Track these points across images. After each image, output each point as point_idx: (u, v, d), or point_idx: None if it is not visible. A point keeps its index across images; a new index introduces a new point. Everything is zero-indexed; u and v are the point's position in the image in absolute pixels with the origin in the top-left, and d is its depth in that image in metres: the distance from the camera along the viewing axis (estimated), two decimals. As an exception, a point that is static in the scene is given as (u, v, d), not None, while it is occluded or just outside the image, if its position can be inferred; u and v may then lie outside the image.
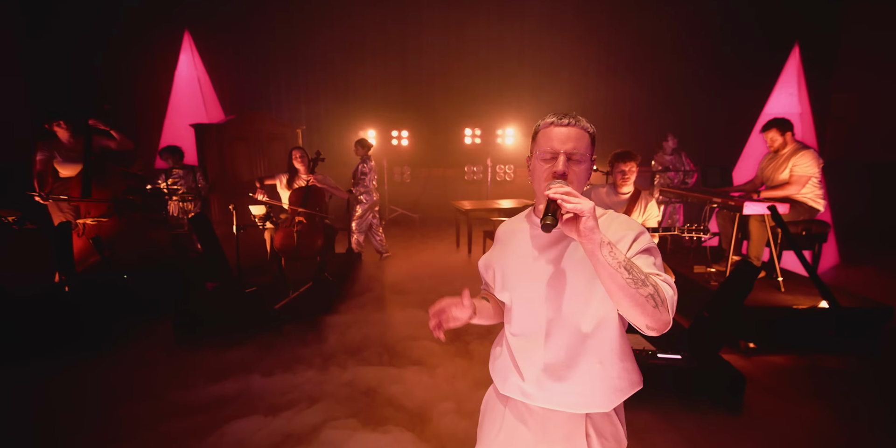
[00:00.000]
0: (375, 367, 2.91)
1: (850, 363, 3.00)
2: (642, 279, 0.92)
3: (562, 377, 1.09)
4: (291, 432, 2.29)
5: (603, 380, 1.09)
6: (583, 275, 1.07)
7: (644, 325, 0.96)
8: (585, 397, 1.09)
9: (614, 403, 1.12)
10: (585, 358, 1.09)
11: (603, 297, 1.06)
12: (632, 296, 0.91)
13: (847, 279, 4.51)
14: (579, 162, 1.06)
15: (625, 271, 0.91)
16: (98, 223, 3.89)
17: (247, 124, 6.21)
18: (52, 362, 2.95)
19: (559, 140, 1.06)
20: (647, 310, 0.92)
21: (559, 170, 1.04)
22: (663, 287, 0.96)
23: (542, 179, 1.07)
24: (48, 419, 2.39)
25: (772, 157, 3.70)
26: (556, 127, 1.07)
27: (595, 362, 1.09)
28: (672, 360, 2.60)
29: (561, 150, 1.05)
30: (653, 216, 3.23)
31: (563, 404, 1.10)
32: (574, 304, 1.08)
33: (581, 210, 0.89)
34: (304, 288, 3.87)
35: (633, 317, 0.95)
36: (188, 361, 3.00)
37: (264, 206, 3.89)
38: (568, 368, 1.09)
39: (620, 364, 1.12)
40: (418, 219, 8.12)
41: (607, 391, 1.10)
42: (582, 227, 0.90)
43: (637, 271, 0.93)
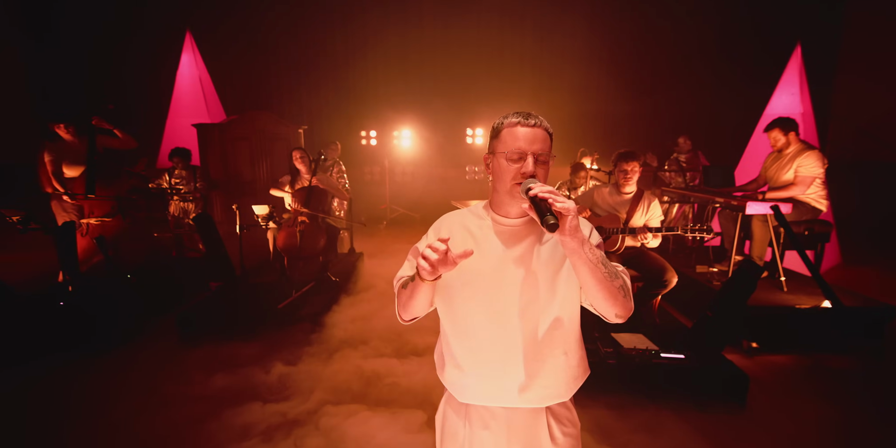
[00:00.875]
0: (379, 359, 2.94)
1: (852, 363, 3.00)
2: (615, 272, 1.00)
3: (528, 373, 1.10)
4: (294, 417, 2.33)
5: (566, 370, 1.13)
6: (547, 270, 1.10)
7: (614, 314, 1.03)
8: (551, 390, 1.12)
9: (573, 391, 1.16)
10: (552, 351, 1.12)
11: (566, 289, 1.10)
12: (608, 289, 0.98)
13: (849, 279, 4.52)
14: (545, 162, 1.07)
15: (602, 266, 0.97)
16: (102, 223, 3.90)
17: (249, 124, 6.21)
18: (56, 361, 2.96)
19: (526, 140, 1.06)
20: (618, 300, 1.00)
21: (529, 171, 1.04)
22: (626, 277, 1.05)
23: (508, 179, 1.07)
24: (52, 415, 2.41)
25: (776, 156, 3.70)
26: (521, 127, 1.07)
27: (560, 354, 1.13)
28: (675, 359, 2.61)
29: (529, 150, 1.05)
30: (656, 216, 3.24)
31: (530, 400, 1.11)
32: (541, 299, 1.09)
33: (568, 209, 0.91)
34: (307, 287, 3.88)
35: (604, 308, 1.02)
36: (191, 359, 3.01)
37: (267, 206, 3.90)
38: (535, 364, 1.10)
39: (580, 352, 1.18)
40: (419, 218, 8.13)
41: (569, 380, 1.14)
42: (567, 226, 0.92)
43: (610, 266, 1.00)
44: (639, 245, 3.26)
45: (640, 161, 3.21)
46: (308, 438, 2.20)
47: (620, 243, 3.20)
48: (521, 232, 1.12)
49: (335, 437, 2.20)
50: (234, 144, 6.19)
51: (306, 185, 4.20)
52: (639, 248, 3.30)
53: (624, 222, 3.21)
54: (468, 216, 1.20)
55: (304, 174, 4.38)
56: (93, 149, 3.87)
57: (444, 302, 1.17)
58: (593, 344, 2.78)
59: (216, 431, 2.26)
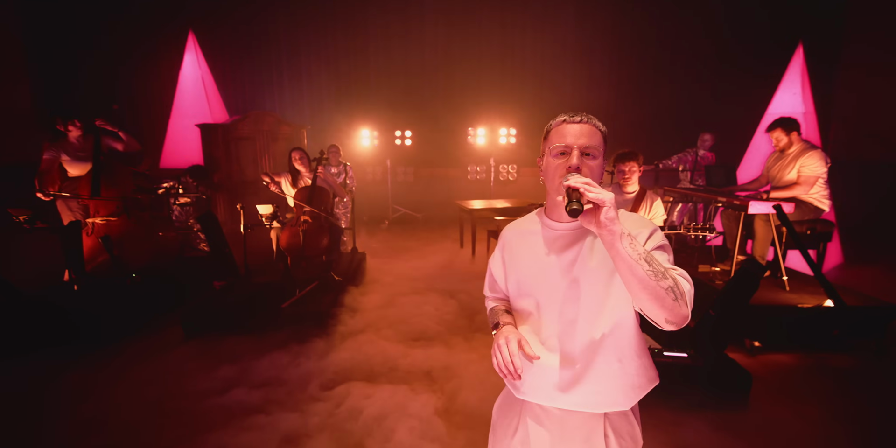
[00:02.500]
0: (384, 356, 2.98)
1: (855, 362, 3.01)
2: (662, 272, 0.91)
3: (581, 377, 1.08)
4: (297, 413, 2.38)
5: (622, 378, 1.09)
6: (600, 273, 1.06)
7: (663, 319, 0.94)
8: (605, 396, 1.09)
9: (633, 401, 1.11)
10: (604, 357, 1.09)
11: (620, 294, 1.05)
12: (651, 288, 0.89)
13: (851, 278, 4.52)
14: (593, 157, 1.05)
15: (645, 263, 0.89)
16: (107, 222, 3.92)
17: (252, 124, 6.24)
18: (60, 359, 2.98)
19: (572, 135, 1.05)
20: (666, 303, 0.90)
21: (574, 163, 1.02)
22: (681, 281, 0.95)
23: (556, 175, 1.05)
24: (56, 413, 2.42)
25: (778, 156, 3.71)
26: (568, 124, 1.07)
27: (614, 361, 1.09)
28: (678, 357, 2.62)
29: (574, 144, 1.04)
30: (658, 215, 3.25)
31: (583, 404, 1.09)
32: (592, 303, 1.07)
33: (602, 199, 0.88)
34: (311, 286, 3.90)
35: (651, 311, 0.93)
36: (195, 358, 3.03)
37: (271, 205, 3.92)
38: (587, 368, 1.08)
39: (638, 361, 1.12)
40: (422, 218, 8.14)
41: (626, 389, 1.10)
42: (603, 217, 0.88)
43: (657, 264, 0.91)
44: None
45: (638, 161, 3.23)
46: (314, 433, 2.22)
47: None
48: (573, 236, 1.10)
49: (344, 429, 2.22)
50: (238, 144, 6.22)
51: (308, 185, 4.21)
52: (641, 247, 3.30)
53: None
54: (525, 223, 1.21)
55: (304, 174, 4.40)
56: (98, 149, 3.89)
57: (512, 297, 1.21)
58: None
59: (221, 428, 2.27)
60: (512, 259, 1.19)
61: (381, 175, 8.58)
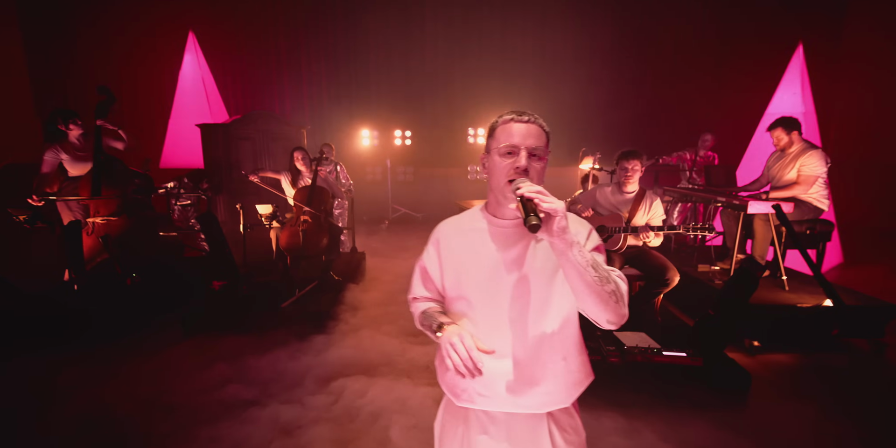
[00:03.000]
0: (383, 355, 2.99)
1: (853, 361, 3.01)
2: (606, 277, 0.95)
3: (528, 378, 1.08)
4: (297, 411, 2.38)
5: (566, 375, 1.11)
6: (544, 273, 1.07)
7: (605, 320, 0.98)
8: (550, 395, 1.10)
9: (574, 397, 1.13)
10: (550, 356, 1.09)
11: (563, 293, 1.07)
12: (598, 293, 0.93)
13: (850, 278, 4.52)
14: (539, 158, 1.05)
15: (592, 270, 0.93)
16: (107, 222, 3.92)
17: (252, 124, 6.25)
18: (60, 359, 2.98)
19: (520, 135, 1.04)
20: (609, 305, 0.95)
21: (522, 165, 1.02)
22: (620, 283, 1.00)
23: (502, 174, 1.05)
24: (55, 413, 2.43)
25: (778, 155, 3.71)
26: (515, 123, 1.06)
27: (559, 359, 1.10)
28: (677, 357, 2.63)
29: (522, 145, 1.03)
30: (658, 215, 3.26)
31: (529, 406, 1.09)
32: (539, 301, 1.07)
33: (555, 209, 0.89)
34: (310, 286, 3.91)
35: (594, 313, 0.98)
36: (195, 358, 3.03)
37: (271, 205, 3.92)
38: (534, 368, 1.08)
39: (580, 357, 1.15)
40: (421, 218, 8.15)
41: (569, 386, 1.11)
42: (555, 226, 0.89)
43: (602, 269, 0.95)
44: (641, 244, 3.27)
45: (641, 160, 3.23)
46: (312, 425, 2.23)
47: (623, 242, 3.22)
48: (517, 233, 1.10)
49: (344, 426, 2.22)
50: (237, 144, 6.23)
51: (308, 184, 4.22)
52: (641, 246, 3.31)
53: (626, 221, 3.22)
54: (464, 220, 1.19)
55: (305, 174, 4.40)
56: (98, 148, 3.90)
57: (447, 304, 1.16)
58: (595, 342, 2.80)
59: (221, 428, 2.28)
60: (451, 256, 1.16)
61: (380, 175, 8.59)
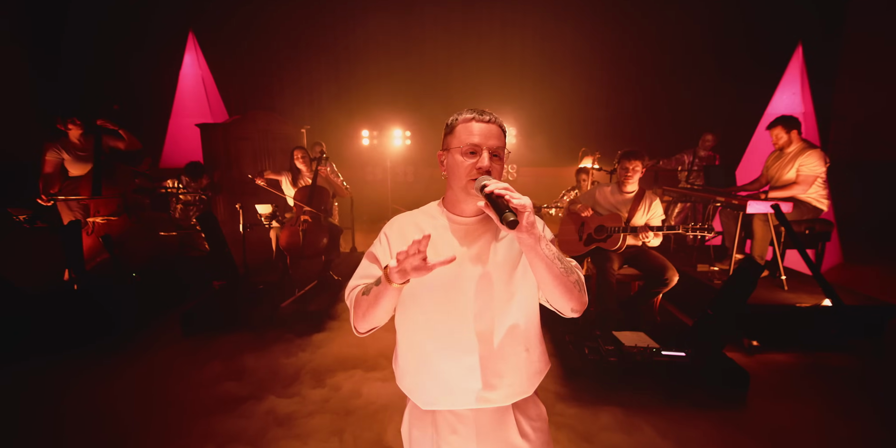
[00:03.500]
0: (382, 355, 2.98)
1: (852, 361, 3.01)
2: (570, 267, 1.01)
3: (492, 372, 1.08)
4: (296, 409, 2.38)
5: (527, 366, 1.13)
6: (505, 267, 1.09)
7: (569, 308, 1.03)
8: (513, 387, 1.11)
9: (535, 385, 1.16)
10: (513, 349, 1.11)
11: (524, 286, 1.09)
12: (564, 284, 0.98)
13: (850, 278, 4.53)
14: (500, 158, 1.06)
15: (559, 262, 0.97)
16: (108, 222, 3.93)
17: (251, 124, 6.25)
18: (60, 358, 2.99)
19: (482, 135, 1.04)
20: (574, 295, 1.00)
21: (485, 165, 1.03)
22: (579, 273, 1.05)
23: (464, 174, 1.05)
24: (55, 412, 2.43)
25: (777, 155, 3.72)
26: (476, 122, 1.06)
27: (522, 351, 1.12)
28: (676, 357, 2.63)
29: (484, 145, 1.04)
30: (657, 215, 3.26)
31: (495, 400, 1.10)
32: (501, 297, 1.09)
33: (524, 205, 0.90)
34: (310, 286, 3.91)
35: (560, 303, 1.02)
36: (194, 357, 3.03)
37: (270, 205, 3.93)
38: (497, 363, 1.09)
39: (540, 347, 1.17)
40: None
41: (531, 376, 1.14)
42: (524, 222, 0.90)
43: (566, 261, 1.00)
44: (640, 244, 3.27)
45: (643, 161, 3.23)
46: (312, 421, 2.23)
47: (622, 242, 3.22)
48: (477, 230, 1.11)
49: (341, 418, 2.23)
50: (237, 144, 6.23)
51: (308, 184, 4.22)
52: (640, 246, 3.31)
53: (625, 221, 3.23)
54: (420, 216, 1.17)
55: (305, 173, 4.41)
56: (99, 148, 3.90)
57: (401, 305, 1.13)
58: (594, 342, 2.80)
59: (219, 427, 2.28)
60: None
61: (380, 175, 8.58)
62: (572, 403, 2.45)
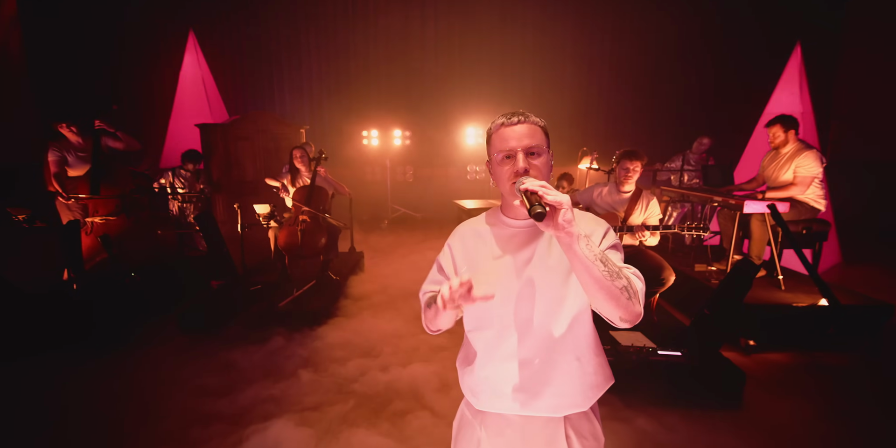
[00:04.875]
0: (379, 356, 2.98)
1: (849, 361, 3.02)
2: (616, 271, 0.94)
3: (541, 380, 1.08)
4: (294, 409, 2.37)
5: (580, 377, 1.09)
6: (556, 272, 1.07)
7: (617, 317, 0.97)
8: (564, 398, 1.09)
9: (592, 401, 1.12)
10: (563, 356, 1.08)
11: (576, 293, 1.06)
12: (607, 288, 0.92)
13: (849, 278, 4.52)
14: (538, 155, 1.05)
15: (601, 264, 0.91)
16: (106, 221, 3.94)
17: (251, 124, 6.26)
18: (58, 358, 3.00)
19: (514, 138, 1.05)
20: (621, 302, 0.93)
21: (521, 167, 1.03)
22: (634, 280, 0.98)
23: (505, 180, 1.06)
24: (53, 412, 2.44)
25: (773, 155, 3.72)
26: (506, 127, 1.07)
27: (573, 359, 1.09)
28: (672, 356, 2.63)
29: (518, 147, 1.04)
30: (654, 214, 3.26)
31: (544, 409, 1.09)
32: (550, 302, 1.07)
33: (559, 202, 0.88)
34: (308, 286, 3.92)
35: (606, 310, 0.96)
36: (192, 357, 3.04)
37: (268, 205, 3.93)
38: (546, 369, 1.08)
39: (596, 359, 1.13)
40: (421, 218, 8.16)
41: (585, 388, 1.10)
42: (561, 219, 0.89)
43: (611, 264, 0.94)
44: (637, 243, 3.27)
45: (643, 161, 3.24)
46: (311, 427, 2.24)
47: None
48: (530, 234, 1.11)
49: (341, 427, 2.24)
50: (237, 144, 6.25)
51: (307, 184, 4.23)
52: (637, 246, 3.32)
53: (622, 220, 3.23)
54: (481, 221, 1.20)
55: (304, 173, 4.42)
56: (97, 149, 3.92)
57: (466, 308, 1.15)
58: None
59: (217, 427, 2.29)
60: (465, 256, 1.16)
61: (380, 175, 8.60)
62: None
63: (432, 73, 8.70)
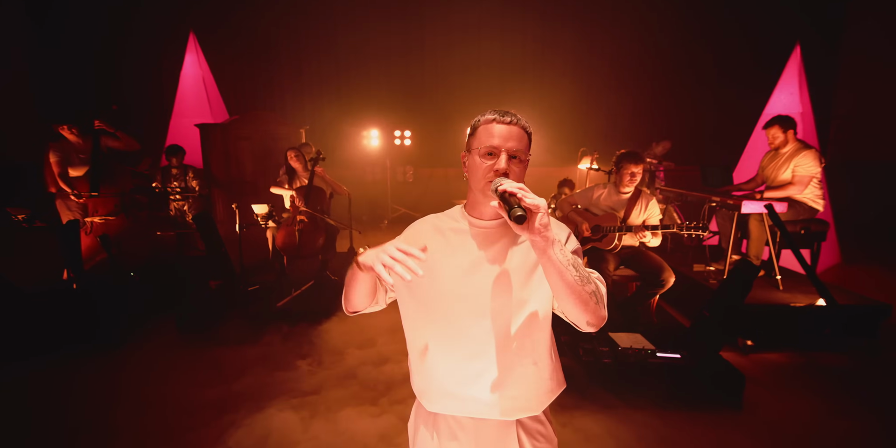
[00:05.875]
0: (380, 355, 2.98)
1: (847, 361, 3.01)
2: (587, 276, 0.93)
3: (497, 382, 1.05)
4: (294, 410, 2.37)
5: (536, 382, 1.08)
6: (519, 274, 1.05)
7: (584, 321, 0.96)
8: (518, 401, 1.07)
9: (545, 405, 1.11)
10: (521, 360, 1.07)
11: (538, 296, 1.05)
12: (578, 293, 0.91)
13: (848, 278, 4.52)
14: (520, 161, 1.03)
15: (573, 269, 0.91)
16: (105, 221, 3.95)
17: (251, 124, 6.27)
18: (58, 357, 3.01)
19: (501, 137, 1.02)
20: (589, 307, 0.93)
21: (501, 168, 1.00)
22: (599, 284, 0.98)
23: (481, 176, 1.03)
24: (51, 411, 2.45)
25: (773, 155, 3.72)
26: (497, 123, 1.03)
27: (530, 364, 1.07)
28: (671, 358, 2.62)
29: (503, 147, 1.01)
30: (654, 214, 3.26)
31: (496, 412, 1.07)
32: (511, 304, 1.05)
33: (537, 205, 0.86)
34: (306, 286, 3.92)
35: (574, 314, 0.96)
36: (190, 357, 3.05)
37: (266, 205, 3.93)
38: (503, 372, 1.06)
39: (553, 364, 1.12)
40: (420, 217, 8.15)
41: (539, 393, 1.09)
42: (538, 223, 0.87)
43: (582, 269, 0.93)
44: (637, 244, 3.27)
45: (645, 163, 3.25)
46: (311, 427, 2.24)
47: (617, 242, 3.22)
48: (495, 234, 1.08)
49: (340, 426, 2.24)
50: (236, 144, 6.24)
51: (304, 184, 4.23)
52: (636, 247, 3.31)
53: (621, 221, 3.23)
54: (443, 218, 1.17)
55: (300, 173, 4.41)
56: (97, 149, 3.93)
57: (413, 305, 1.11)
58: (589, 343, 2.80)
59: (215, 427, 2.29)
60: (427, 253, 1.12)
61: (380, 175, 8.60)
62: (565, 405, 2.46)
63: (432, 73, 8.70)
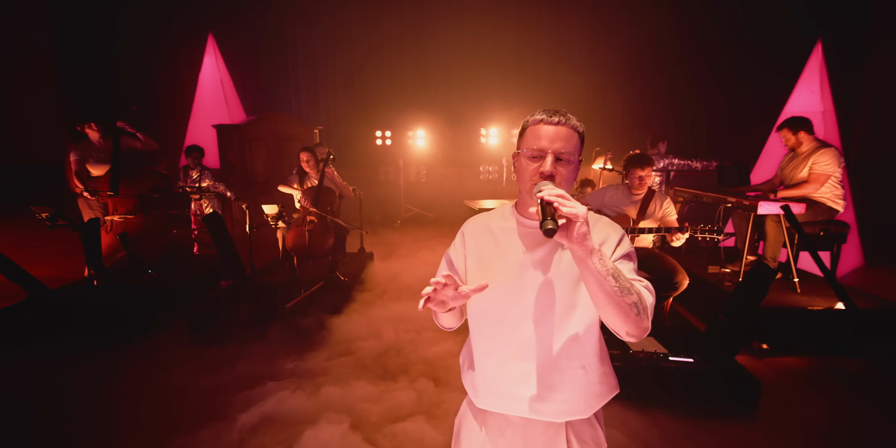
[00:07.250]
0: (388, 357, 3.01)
1: (866, 366, 2.92)
2: (628, 287, 0.91)
3: (545, 383, 1.06)
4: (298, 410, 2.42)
5: (585, 385, 1.08)
6: (568, 277, 1.04)
7: (625, 331, 0.95)
8: (567, 404, 1.07)
9: (594, 409, 1.10)
10: (569, 363, 1.06)
11: (587, 301, 1.03)
12: (617, 304, 0.90)
13: (870, 281, 4.37)
14: (567, 163, 1.01)
15: (612, 279, 0.89)
16: (125, 220, 4.05)
17: (265, 125, 6.37)
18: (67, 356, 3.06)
19: (548, 139, 1.00)
20: (629, 317, 0.92)
21: (546, 170, 0.99)
22: (645, 294, 0.96)
23: (527, 178, 1.03)
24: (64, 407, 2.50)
25: (792, 156, 3.63)
26: (545, 124, 1.02)
27: (577, 367, 1.07)
28: (683, 363, 2.56)
29: (549, 149, 1.00)
30: (671, 213, 3.21)
31: (544, 413, 1.07)
32: (561, 305, 1.04)
33: (576, 214, 0.84)
34: (316, 286, 3.93)
35: (614, 324, 0.95)
36: (199, 356, 3.06)
37: (276, 205, 3.97)
38: (551, 375, 1.06)
39: (601, 368, 1.11)
40: (433, 218, 8.17)
41: (588, 397, 1.08)
42: (576, 232, 0.85)
43: (623, 279, 0.91)
44: (650, 246, 3.23)
45: (652, 165, 3.20)
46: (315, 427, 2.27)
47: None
48: (542, 236, 1.06)
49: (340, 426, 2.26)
50: (252, 145, 6.36)
51: (315, 185, 4.27)
52: (650, 249, 3.27)
53: (633, 222, 3.19)
54: (494, 217, 1.17)
55: (312, 175, 4.45)
56: (117, 149, 4.03)
57: (472, 305, 1.13)
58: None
59: (223, 427, 2.31)
60: (476, 252, 1.13)
61: (393, 175, 8.64)
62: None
63: (446, 74, 8.72)
